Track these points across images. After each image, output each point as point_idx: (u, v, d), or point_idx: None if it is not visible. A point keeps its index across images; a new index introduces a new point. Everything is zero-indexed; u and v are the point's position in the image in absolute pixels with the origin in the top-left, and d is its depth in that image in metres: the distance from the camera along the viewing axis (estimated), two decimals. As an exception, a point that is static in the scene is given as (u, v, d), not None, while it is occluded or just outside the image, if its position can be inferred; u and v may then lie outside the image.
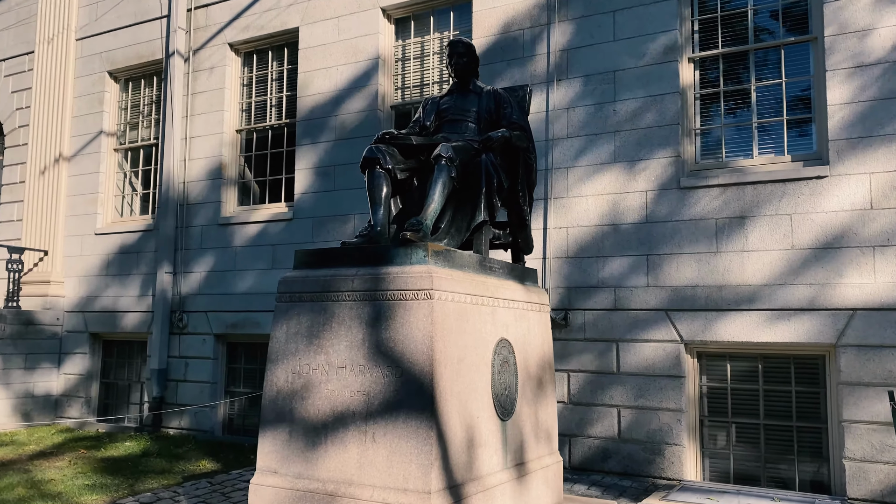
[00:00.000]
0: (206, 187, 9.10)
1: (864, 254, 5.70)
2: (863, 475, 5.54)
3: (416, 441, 3.62)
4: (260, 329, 8.44)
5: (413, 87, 8.10)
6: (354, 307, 3.94)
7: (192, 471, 6.72)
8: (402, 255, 3.93)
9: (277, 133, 8.96)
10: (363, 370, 3.84)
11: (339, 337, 3.95)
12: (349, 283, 3.98)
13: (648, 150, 6.56)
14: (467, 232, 4.52)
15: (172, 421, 8.92)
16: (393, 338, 3.79)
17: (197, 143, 9.23)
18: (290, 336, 4.10)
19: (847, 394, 5.64)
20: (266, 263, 8.53)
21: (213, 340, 8.80)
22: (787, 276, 5.94)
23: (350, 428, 3.82)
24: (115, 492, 5.94)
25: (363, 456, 3.75)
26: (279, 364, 4.11)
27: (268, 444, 4.05)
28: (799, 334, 5.84)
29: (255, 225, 8.69)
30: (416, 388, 3.67)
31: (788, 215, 5.99)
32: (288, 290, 4.17)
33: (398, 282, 3.84)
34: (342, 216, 8.11)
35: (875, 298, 5.62)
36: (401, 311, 3.80)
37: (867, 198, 5.73)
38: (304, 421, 3.96)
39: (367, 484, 3.71)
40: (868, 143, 5.76)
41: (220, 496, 5.73)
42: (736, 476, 6.15)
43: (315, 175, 8.33)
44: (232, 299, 8.68)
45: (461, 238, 4.56)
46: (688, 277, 6.31)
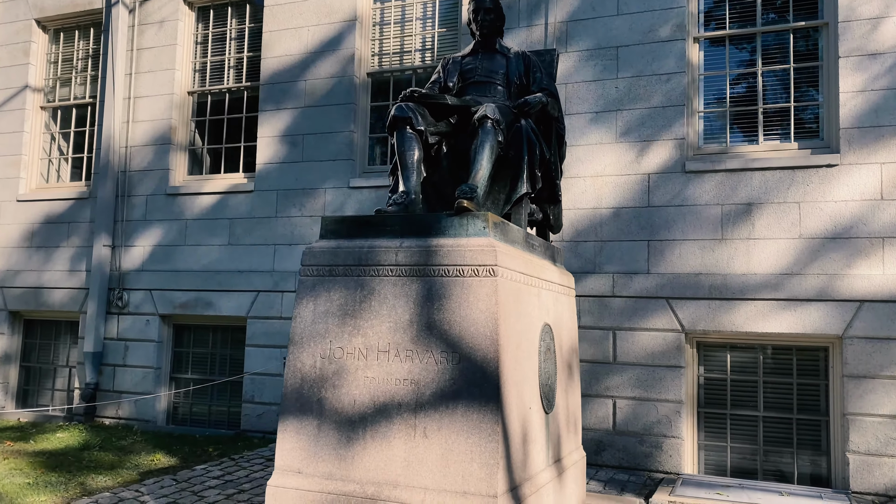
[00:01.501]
0: (152, 153, 8.25)
1: (874, 245, 5.63)
2: (867, 469, 5.47)
3: (479, 437, 3.17)
4: (213, 310, 7.72)
5: (392, 54, 7.56)
6: (399, 283, 3.44)
7: (148, 466, 6.01)
8: (457, 226, 3.45)
9: (236, 97, 8.21)
10: (411, 355, 3.35)
11: (381, 317, 3.44)
12: (392, 255, 3.48)
13: (652, 131, 6.30)
14: (507, 205, 4.09)
15: (108, 409, 8.07)
16: (448, 319, 3.32)
17: (142, 104, 8.36)
18: (319, 315, 3.56)
19: (852, 386, 5.56)
20: (223, 239, 7.80)
21: (157, 322, 8.00)
22: (793, 265, 5.80)
23: (395, 421, 3.33)
24: (63, 491, 5.18)
25: (411, 454, 3.27)
26: (304, 347, 3.56)
27: (290, 439, 3.50)
28: (804, 325, 5.72)
29: (210, 196, 7.93)
30: (478, 377, 3.22)
31: (797, 203, 5.85)
32: (315, 263, 3.62)
33: (454, 256, 3.37)
34: (311, 190, 7.49)
35: (884, 290, 5.56)
36: (457, 288, 3.33)
37: (878, 188, 5.66)
38: (336, 413, 3.43)
39: (416, 486, 3.24)
40: (880, 133, 5.68)
41: (192, 496, 5.09)
42: (733, 469, 5.99)
43: (280, 144, 7.67)
44: (181, 277, 7.91)
45: (499, 212, 4.13)
46: (690, 265, 6.09)
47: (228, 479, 5.54)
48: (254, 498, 5.07)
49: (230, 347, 7.87)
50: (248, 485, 5.41)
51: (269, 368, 7.40)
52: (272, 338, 7.44)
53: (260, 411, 7.40)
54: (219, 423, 7.83)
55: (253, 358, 7.50)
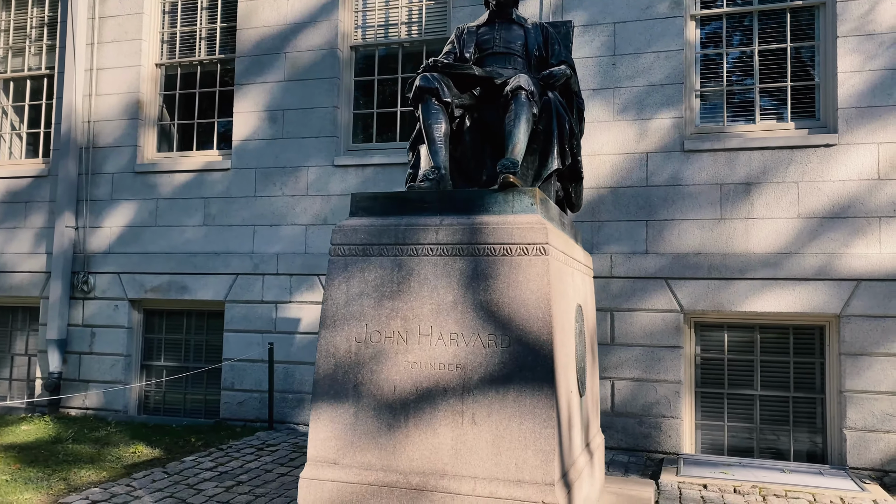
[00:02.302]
0: (118, 129, 7.79)
1: (871, 224, 5.69)
2: (864, 445, 5.56)
3: (533, 423, 3.03)
4: (188, 294, 7.37)
5: (377, 27, 7.28)
6: (440, 263, 3.26)
7: (131, 459, 5.69)
8: (502, 202, 3.28)
9: (209, 70, 7.81)
10: (456, 339, 3.18)
11: (421, 299, 3.25)
12: (432, 234, 3.28)
13: (651, 109, 6.22)
14: (537, 181, 3.93)
15: (74, 400, 7.64)
16: (496, 301, 3.15)
17: (106, 77, 7.87)
18: (353, 297, 3.34)
19: (850, 364, 5.63)
20: (198, 219, 7.43)
21: (127, 306, 7.60)
22: (792, 244, 5.83)
23: (440, 408, 3.15)
24: (47, 488, 4.84)
25: (459, 441, 3.10)
26: (338, 330, 3.34)
27: (324, 427, 3.29)
28: (803, 304, 5.76)
29: (183, 175, 7.54)
30: (531, 360, 3.07)
31: (795, 183, 5.87)
32: (347, 242, 3.40)
33: (500, 234, 3.20)
34: (293, 168, 7.18)
35: (880, 269, 5.63)
36: (505, 268, 3.16)
37: (875, 168, 5.71)
38: (375, 400, 3.24)
39: (465, 475, 3.07)
40: (878, 113, 5.73)
41: (189, 489, 4.82)
42: (730, 448, 6.02)
43: (259, 120, 7.32)
44: (153, 259, 7.51)
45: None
46: (689, 245, 6.06)
47: (223, 471, 5.28)
48: (255, 489, 4.83)
49: (207, 333, 7.53)
50: (244, 476, 5.16)
51: (249, 354, 7.11)
52: (252, 323, 7.14)
53: (240, 399, 7.11)
54: (195, 411, 7.50)
55: (232, 344, 7.19)
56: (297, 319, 7.00)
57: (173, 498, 4.63)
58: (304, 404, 6.89)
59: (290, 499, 4.63)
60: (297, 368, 6.95)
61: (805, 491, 4.96)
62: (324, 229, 7.03)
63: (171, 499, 4.61)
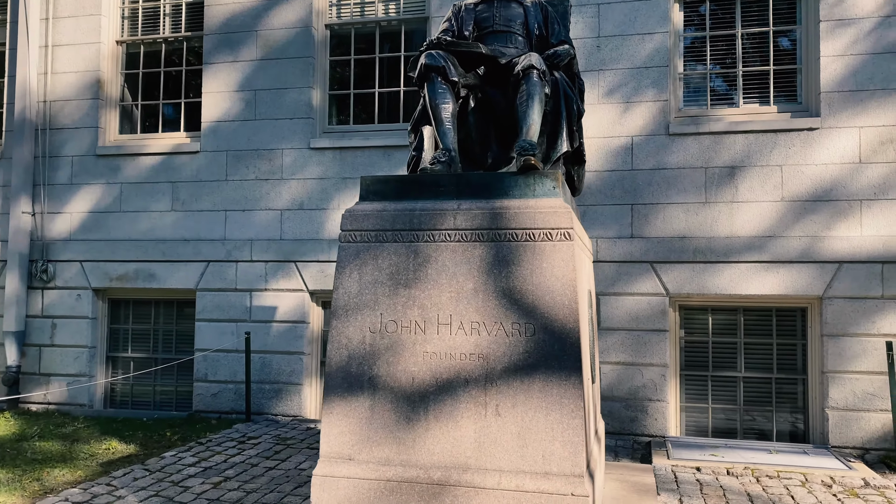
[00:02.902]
0: (78, 109, 7.40)
1: (852, 207, 5.76)
2: (845, 424, 5.66)
3: (561, 414, 2.94)
4: (157, 282, 7.07)
5: (354, 5, 7.05)
6: (459, 249, 3.13)
7: (105, 456, 5.43)
8: (523, 186, 3.17)
9: (174, 48, 7.46)
10: (477, 328, 3.06)
11: (440, 287, 3.12)
12: (449, 219, 3.15)
13: (636, 92, 6.18)
14: (546, 164, 3.82)
15: (35, 395, 7.28)
16: (520, 288, 3.05)
17: (63, 54, 7.46)
18: (366, 285, 3.19)
19: (832, 345, 5.72)
20: (165, 204, 7.12)
21: (90, 296, 7.25)
22: (776, 227, 5.87)
23: (462, 399, 3.04)
24: (20, 489, 4.57)
25: (483, 434, 3.00)
26: (350, 320, 3.19)
27: (338, 422, 3.14)
28: (786, 286, 5.82)
29: (149, 157, 7.21)
30: (557, 350, 2.97)
31: (779, 166, 5.91)
32: (358, 227, 3.24)
33: (522, 218, 3.08)
34: (266, 151, 6.93)
35: (861, 251, 5.71)
36: (528, 254, 3.06)
37: (856, 151, 5.78)
38: (392, 392, 3.11)
39: (489, 468, 2.97)
40: (859, 98, 5.80)
41: (174, 486, 4.61)
42: (714, 430, 6.08)
43: (230, 101, 7.04)
44: (118, 246, 7.18)
45: (535, 171, 3.85)
46: (675, 228, 6.06)
47: (207, 466, 5.07)
48: (244, 485, 4.65)
49: (177, 322, 7.25)
50: (230, 471, 4.97)
51: (223, 344, 6.86)
52: (225, 311, 6.90)
53: (214, 390, 6.87)
54: (165, 404, 7.23)
55: (204, 334, 6.93)
56: (274, 308, 6.78)
57: (159, 497, 4.41)
58: (281, 395, 6.70)
59: (283, 493, 4.47)
60: (274, 358, 6.74)
61: (796, 471, 5.03)
62: (300, 214, 6.81)
63: (157, 498, 4.40)
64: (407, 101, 6.88)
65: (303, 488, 4.58)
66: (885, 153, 5.73)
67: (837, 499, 4.48)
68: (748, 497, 4.47)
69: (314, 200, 6.79)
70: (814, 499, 4.46)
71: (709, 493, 4.53)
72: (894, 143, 5.72)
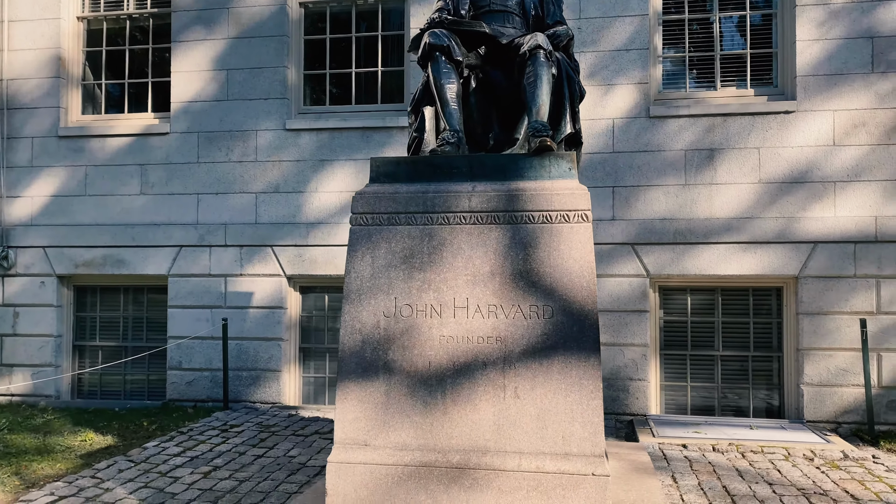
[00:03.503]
0: (38, 88, 7.08)
1: (826, 189, 5.91)
2: (820, 399, 5.84)
3: (580, 395, 2.95)
4: (126, 268, 6.85)
5: (328, -16, 6.90)
6: (474, 232, 3.10)
7: (83, 448, 5.26)
8: (538, 167, 3.15)
9: (140, 26, 7.19)
10: (494, 310, 3.04)
11: (455, 270, 3.09)
12: (464, 201, 3.12)
13: (616, 74, 6.21)
14: (550, 146, 3.79)
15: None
16: (537, 270, 3.03)
17: (21, 30, 7.12)
18: (379, 269, 3.14)
19: (807, 323, 5.88)
20: (134, 188, 6.89)
21: (55, 283, 6.99)
22: (753, 209, 5.99)
23: (480, 382, 3.02)
24: (1, 485, 4.39)
25: (502, 416, 2.99)
26: (364, 304, 3.14)
27: (352, 408, 3.09)
28: (763, 266, 5.95)
29: (116, 139, 6.95)
30: (576, 331, 2.97)
31: (757, 149, 6.02)
32: (370, 210, 3.18)
33: (539, 200, 3.06)
34: (240, 132, 6.76)
35: (835, 231, 5.87)
36: (545, 236, 3.04)
37: (830, 134, 5.93)
38: (408, 377, 3.07)
39: (509, 450, 2.97)
40: (833, 81, 5.93)
41: (163, 477, 4.49)
42: (693, 408, 6.20)
43: (201, 80, 6.83)
44: (84, 231, 6.92)
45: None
46: (655, 210, 6.13)
47: (193, 456, 4.96)
48: (235, 474, 4.56)
49: (148, 309, 7.04)
50: (218, 460, 4.86)
51: (198, 331, 6.70)
52: (199, 298, 6.73)
53: (189, 378, 6.71)
54: (137, 393, 7.04)
55: (178, 321, 6.75)
56: (250, 293, 6.64)
57: (149, 488, 4.30)
58: (260, 382, 6.58)
59: (277, 481, 4.40)
60: (252, 344, 6.61)
61: (777, 446, 5.17)
62: (276, 198, 6.67)
63: (146, 489, 4.28)
64: (385, 82, 6.78)
65: (296, 475, 4.52)
66: (858, 136, 5.88)
67: (821, 471, 4.63)
68: (737, 472, 4.58)
69: (290, 183, 6.65)
70: (799, 472, 4.60)
71: (699, 470, 4.63)
72: (867, 127, 5.88)
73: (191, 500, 4.08)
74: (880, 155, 5.85)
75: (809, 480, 4.41)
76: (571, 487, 2.89)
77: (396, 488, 3.00)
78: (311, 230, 6.57)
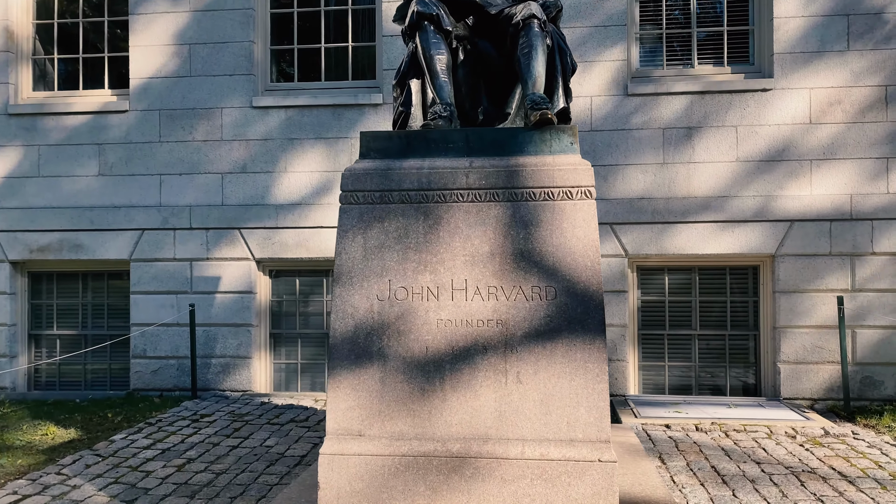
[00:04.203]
0: (-16, 63, 6.67)
1: (803, 167, 5.91)
2: (796, 377, 5.87)
3: (585, 379, 2.84)
4: (84, 253, 6.53)
5: (295, -45, 6.62)
6: (472, 210, 2.95)
7: (46, 442, 4.99)
8: (538, 142, 3.01)
9: (94, -3, 6.82)
10: (495, 292, 2.90)
11: (453, 250, 2.94)
12: (461, 177, 2.96)
13: (594, 51, 6.10)
14: (541, 121, 3.65)
15: (-53, 378, 6.63)
16: (539, 250, 2.90)
17: (-36, 1, 6.68)
18: (372, 250, 2.97)
19: (783, 301, 5.89)
20: (92, 168, 6.56)
21: (7, 269, 6.63)
22: (731, 187, 5.97)
23: (480, 368, 2.89)
24: (-44, 485, 4.12)
25: (503, 402, 2.86)
26: (356, 287, 2.97)
27: (345, 397, 2.93)
28: (741, 245, 5.94)
29: (71, 117, 6.60)
30: (580, 313, 2.86)
31: (734, 127, 5.98)
32: (361, 188, 3.00)
33: (540, 176, 2.93)
34: (204, 110, 6.47)
35: (811, 209, 5.89)
36: (547, 214, 2.91)
37: (807, 113, 5.92)
38: (404, 363, 2.92)
39: (511, 437, 2.85)
40: (810, 59, 5.92)
41: (133, 471, 4.27)
42: (670, 387, 6.19)
43: (162, 55, 6.51)
44: (38, 215, 6.57)
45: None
46: (634, 189, 6.06)
47: (164, 448, 4.74)
48: (210, 466, 4.37)
49: (109, 296, 6.74)
50: (192, 452, 4.66)
51: (162, 318, 6.43)
52: (164, 283, 6.45)
53: (155, 367, 6.45)
54: (99, 383, 6.74)
55: (141, 307, 6.47)
56: (217, 278, 6.39)
57: (120, 484, 4.08)
58: (229, 369, 6.36)
59: (255, 473, 4.22)
60: (220, 331, 6.37)
61: (759, 424, 5.17)
62: (243, 178, 6.41)
63: (117, 485, 4.06)
64: (356, 58, 6.56)
65: (275, 466, 4.34)
66: (834, 114, 5.88)
67: (805, 449, 4.63)
68: (724, 452, 4.55)
69: (258, 163, 6.40)
70: (784, 450, 4.59)
71: (685, 450, 4.59)
72: (842, 105, 5.88)
73: (166, 496, 3.88)
74: (855, 133, 5.86)
75: (795, 458, 4.41)
76: (577, 474, 2.78)
77: (394, 480, 2.86)
78: (280, 212, 6.33)
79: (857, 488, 3.86)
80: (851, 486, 3.91)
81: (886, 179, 5.82)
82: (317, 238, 6.29)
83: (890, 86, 5.83)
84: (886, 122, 5.82)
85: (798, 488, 3.87)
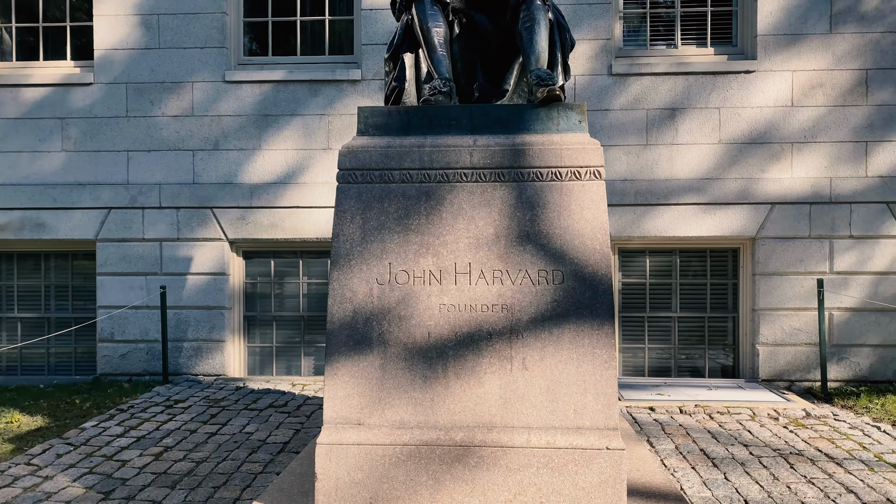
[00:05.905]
0: (-64, 30, 6.30)
1: (784, 150, 5.92)
2: (773, 358, 5.92)
3: (593, 365, 2.76)
4: (46, 232, 6.24)
5: (269, -76, 6.36)
6: (477, 191, 2.83)
7: (12, 431, 4.76)
8: (545, 119, 2.89)
9: (55, -37, 6.47)
10: (500, 276, 2.80)
11: (456, 232, 2.82)
12: (465, 156, 2.84)
13: (577, 28, 5.99)
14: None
15: None
16: (546, 232, 2.80)
17: (-87, -37, 6.29)
18: (371, 231, 2.84)
19: (763, 283, 5.92)
20: (54, 144, 6.25)
21: (-36, 249, 6.32)
22: (713, 169, 5.95)
23: (484, 354, 2.79)
24: (-82, 477, 3.90)
25: (508, 389, 2.77)
26: (354, 271, 2.83)
27: (344, 385, 2.81)
28: (722, 227, 5.94)
29: (31, 89, 6.28)
30: (588, 297, 2.77)
31: (717, 109, 5.95)
32: (359, 166, 2.86)
33: (547, 155, 2.82)
34: (174, 84, 6.21)
35: (792, 192, 5.90)
36: (555, 195, 2.81)
37: (789, 95, 5.92)
38: (405, 349, 2.80)
39: (516, 425, 2.76)
40: (792, 41, 5.91)
41: (107, 461, 4.09)
42: (650, 369, 6.19)
43: (129, 25, 6.21)
44: (-3, 192, 6.26)
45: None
46: (617, 171, 6.00)
47: (139, 436, 4.56)
48: (190, 454, 4.21)
49: (73, 277, 6.47)
50: (168, 440, 4.49)
51: (131, 300, 6.20)
52: (133, 264, 6.21)
53: (123, 351, 6.22)
54: (63, 368, 6.48)
55: (108, 289, 6.23)
56: (189, 259, 6.17)
57: (95, 474, 3.90)
58: (202, 353, 6.16)
59: (238, 461, 4.08)
60: (192, 314, 6.17)
61: (741, 406, 5.19)
62: (216, 156, 6.18)
63: (92, 475, 3.88)
64: (333, 32, 6.35)
65: (258, 454, 4.20)
66: (815, 97, 5.89)
67: (789, 430, 4.66)
68: (710, 434, 4.55)
69: (231, 140, 6.18)
70: (769, 432, 4.61)
71: (673, 433, 4.58)
72: (824, 88, 5.89)
73: (145, 486, 3.72)
74: (836, 116, 5.88)
75: (781, 440, 4.43)
76: (584, 463, 2.71)
77: (395, 470, 2.76)
78: (255, 191, 6.13)
79: (845, 470, 3.89)
80: (840, 467, 3.93)
81: (865, 163, 5.86)
82: (292, 218, 6.10)
83: (870, 69, 5.85)
84: (866, 105, 5.85)
85: (788, 470, 3.88)
